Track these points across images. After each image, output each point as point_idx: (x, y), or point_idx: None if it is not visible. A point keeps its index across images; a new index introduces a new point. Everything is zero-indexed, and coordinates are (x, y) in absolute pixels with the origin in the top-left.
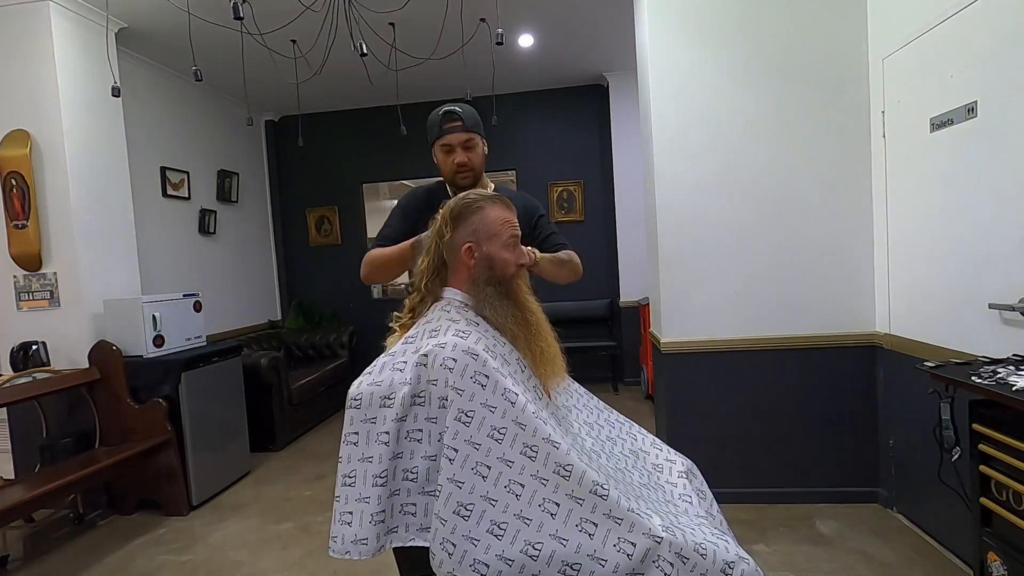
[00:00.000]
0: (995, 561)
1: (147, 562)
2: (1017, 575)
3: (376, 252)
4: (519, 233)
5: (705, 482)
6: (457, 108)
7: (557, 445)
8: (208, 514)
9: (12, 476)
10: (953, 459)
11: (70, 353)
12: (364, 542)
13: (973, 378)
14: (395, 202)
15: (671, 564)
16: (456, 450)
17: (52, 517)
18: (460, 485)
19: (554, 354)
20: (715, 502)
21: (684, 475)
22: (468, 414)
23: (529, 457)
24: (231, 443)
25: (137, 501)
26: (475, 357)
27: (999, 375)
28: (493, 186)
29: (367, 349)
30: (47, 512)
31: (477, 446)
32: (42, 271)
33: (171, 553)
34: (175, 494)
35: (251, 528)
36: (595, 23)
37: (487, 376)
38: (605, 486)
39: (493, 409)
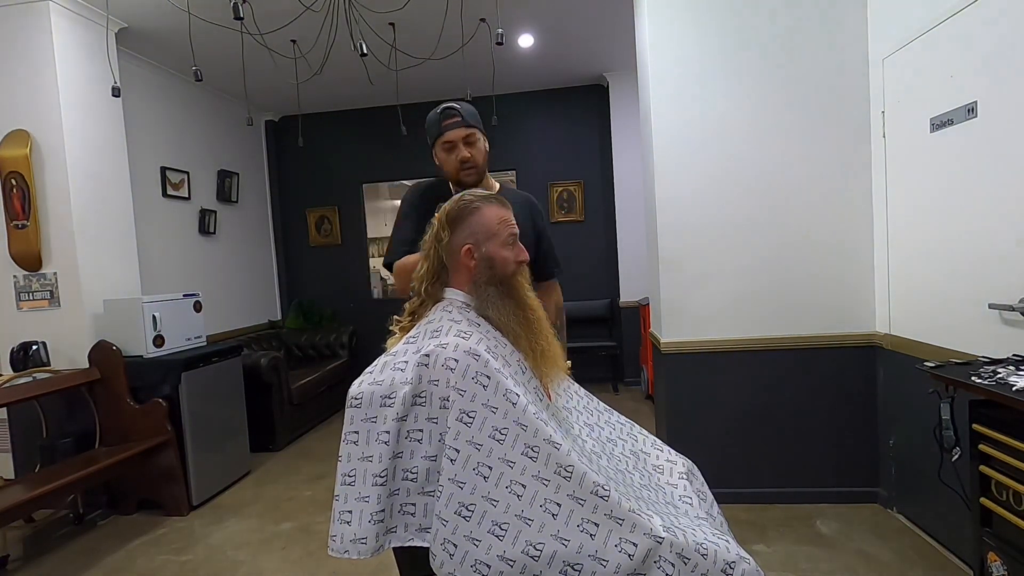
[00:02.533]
0: (995, 561)
1: (147, 562)
2: (1017, 575)
3: (407, 260)
4: (517, 231)
5: (705, 483)
6: (455, 105)
7: (558, 446)
8: (208, 514)
9: (12, 476)
10: (953, 459)
11: (70, 353)
12: (363, 541)
13: (973, 378)
14: (396, 202)
15: (672, 564)
16: (458, 450)
17: (52, 517)
18: (461, 485)
19: (555, 353)
20: (715, 503)
21: (685, 476)
22: (470, 415)
23: (530, 458)
24: (231, 443)
25: (137, 501)
26: (477, 358)
27: (999, 375)
28: (499, 186)
29: (367, 349)
30: (47, 512)
31: (479, 447)
32: (42, 271)
33: (171, 553)
34: (175, 494)
35: (251, 528)
36: (595, 23)
37: (489, 377)
38: (606, 487)
39: (495, 410)
